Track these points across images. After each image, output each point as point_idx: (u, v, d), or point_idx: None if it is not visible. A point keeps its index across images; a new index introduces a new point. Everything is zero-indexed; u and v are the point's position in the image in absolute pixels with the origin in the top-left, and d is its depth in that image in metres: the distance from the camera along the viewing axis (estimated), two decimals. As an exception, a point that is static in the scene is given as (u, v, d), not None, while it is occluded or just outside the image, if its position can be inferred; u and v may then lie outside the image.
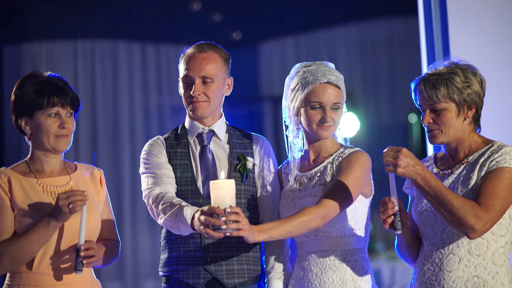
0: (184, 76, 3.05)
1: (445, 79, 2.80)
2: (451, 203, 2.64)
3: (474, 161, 2.79)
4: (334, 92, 2.98)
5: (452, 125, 2.82)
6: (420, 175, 2.65)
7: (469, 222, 2.63)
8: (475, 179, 2.77)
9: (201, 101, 3.03)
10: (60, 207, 2.70)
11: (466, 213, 2.63)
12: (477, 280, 2.74)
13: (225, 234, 2.62)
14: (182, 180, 3.04)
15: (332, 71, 3.00)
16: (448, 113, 2.81)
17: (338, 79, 3.00)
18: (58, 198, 2.71)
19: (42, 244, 2.76)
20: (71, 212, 2.71)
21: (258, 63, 8.36)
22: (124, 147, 7.87)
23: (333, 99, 2.97)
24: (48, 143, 2.85)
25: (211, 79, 3.03)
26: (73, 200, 2.70)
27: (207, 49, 3.05)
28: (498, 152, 2.76)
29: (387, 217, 2.71)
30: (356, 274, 2.93)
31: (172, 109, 8.02)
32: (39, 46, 7.79)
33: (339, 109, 3.00)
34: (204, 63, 3.02)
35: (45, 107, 2.83)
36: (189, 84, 3.04)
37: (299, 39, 8.32)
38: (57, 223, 2.74)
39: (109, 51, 7.98)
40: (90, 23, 7.75)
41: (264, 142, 3.17)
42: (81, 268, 2.75)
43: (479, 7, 3.98)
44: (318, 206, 2.81)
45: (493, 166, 2.73)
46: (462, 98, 2.80)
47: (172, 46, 8.11)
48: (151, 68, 8.05)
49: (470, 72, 2.83)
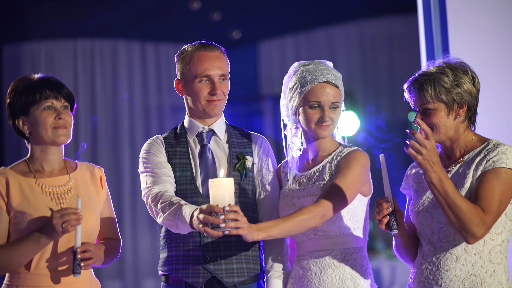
0: (202, 75, 3.03)
1: (432, 80, 2.80)
2: (460, 207, 2.64)
3: (470, 160, 2.79)
4: (333, 91, 2.98)
5: (443, 124, 2.82)
6: (436, 173, 2.64)
7: (473, 230, 2.64)
8: (471, 178, 2.76)
9: (220, 99, 3.06)
10: (54, 226, 2.70)
11: (471, 221, 2.64)
12: (475, 279, 2.74)
13: (224, 232, 2.62)
14: (181, 179, 3.04)
15: (330, 70, 3.00)
16: (437, 113, 2.81)
17: (337, 78, 3.00)
18: (52, 216, 2.71)
19: (30, 257, 2.77)
20: (64, 232, 2.71)
21: (258, 62, 8.36)
22: (123, 146, 7.87)
23: (331, 99, 2.97)
24: (47, 136, 2.85)
25: (225, 77, 3.07)
26: (67, 220, 2.70)
27: (215, 48, 3.08)
28: (494, 151, 2.75)
29: (383, 217, 2.72)
30: (355, 273, 2.93)
31: (172, 108, 8.02)
32: (39, 45, 7.79)
33: (337, 108, 3.00)
34: (220, 62, 3.05)
35: (38, 100, 2.84)
36: (205, 83, 3.04)
37: (299, 38, 8.31)
38: (48, 240, 2.75)
39: (109, 51, 7.98)
40: (90, 23, 7.75)
41: (263, 141, 3.18)
42: (79, 271, 2.74)
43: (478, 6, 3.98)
44: (316, 205, 2.81)
45: (489, 166, 2.73)
46: (450, 97, 2.80)
47: (171, 45, 8.10)
48: (151, 67, 8.05)
49: (460, 70, 2.83)
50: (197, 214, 2.67)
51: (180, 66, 3.11)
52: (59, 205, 2.85)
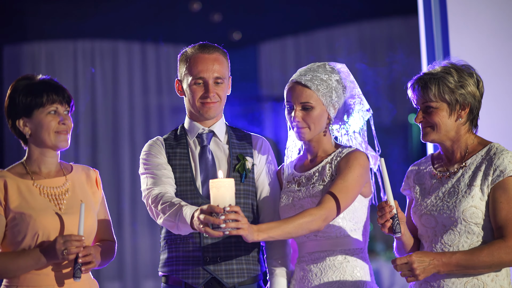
0: (196, 77, 3.04)
1: (437, 79, 2.80)
2: (484, 261, 2.68)
3: (475, 168, 2.78)
4: (302, 92, 2.96)
5: (444, 124, 2.82)
6: (441, 266, 2.69)
7: (506, 261, 2.69)
8: (478, 186, 2.76)
9: (215, 101, 3.05)
10: (56, 251, 2.73)
11: (501, 258, 2.68)
12: (477, 282, 2.74)
13: (224, 233, 2.62)
14: (181, 180, 3.04)
15: (309, 71, 2.98)
16: (439, 112, 2.81)
17: (313, 79, 2.97)
18: (56, 241, 2.73)
19: (27, 271, 2.79)
20: (64, 259, 2.74)
21: (258, 63, 8.35)
22: (123, 148, 7.86)
23: (301, 99, 2.96)
24: (50, 140, 2.86)
25: (221, 80, 3.06)
26: (68, 247, 2.72)
27: (213, 50, 3.07)
28: (499, 158, 2.75)
29: (386, 221, 2.71)
30: (356, 274, 2.92)
31: (172, 109, 8.01)
32: (39, 46, 7.79)
33: (311, 109, 2.96)
34: (216, 64, 3.04)
35: (44, 104, 2.85)
36: (200, 85, 3.04)
37: (299, 39, 8.31)
38: (48, 261, 2.77)
39: (109, 51, 7.97)
40: (90, 23, 7.75)
41: (264, 142, 3.18)
42: (79, 275, 2.76)
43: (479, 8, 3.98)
44: (319, 208, 2.80)
45: (497, 178, 2.73)
46: (453, 98, 2.80)
47: (172, 47, 8.10)
48: (151, 68, 8.05)
49: (466, 72, 2.83)
50: (197, 215, 2.67)
51: (180, 67, 3.12)
52: (57, 206, 2.86)
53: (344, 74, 3.03)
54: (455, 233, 2.77)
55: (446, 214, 2.78)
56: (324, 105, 2.96)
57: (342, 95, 2.99)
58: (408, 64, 7.77)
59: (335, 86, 2.97)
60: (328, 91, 2.95)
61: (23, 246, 2.81)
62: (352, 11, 7.99)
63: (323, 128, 3.00)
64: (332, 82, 2.96)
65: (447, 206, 2.78)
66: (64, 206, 2.88)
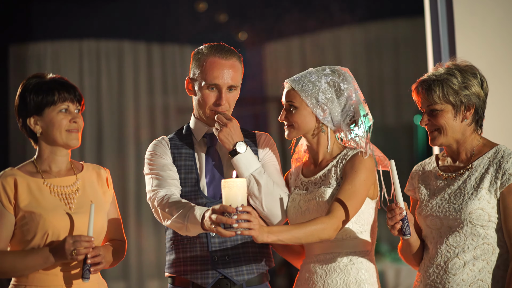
0: (211, 83, 2.98)
1: (441, 81, 2.79)
2: None
3: (484, 171, 2.78)
4: (288, 92, 2.98)
5: (450, 126, 2.81)
6: None
7: None
8: (485, 188, 2.75)
9: (225, 110, 3.01)
10: (65, 251, 2.72)
11: None
12: (482, 284, 2.73)
13: (236, 232, 2.61)
14: (186, 181, 3.02)
15: (303, 74, 2.99)
16: (444, 114, 2.80)
17: (300, 80, 2.97)
18: (65, 241, 2.73)
19: (35, 270, 2.78)
20: (73, 259, 2.73)
21: (264, 64, 8.35)
22: (129, 147, 7.87)
23: (286, 99, 2.99)
24: (61, 138, 2.86)
25: (235, 88, 3.02)
26: (78, 247, 2.72)
27: (230, 55, 3.00)
28: (508, 162, 2.74)
29: (395, 223, 2.70)
30: (360, 277, 2.91)
31: (177, 109, 8.02)
32: (45, 46, 7.80)
33: (294, 109, 2.97)
34: (232, 72, 2.99)
35: (56, 102, 2.84)
36: (213, 91, 2.99)
37: (305, 41, 8.31)
38: (56, 261, 2.76)
39: (115, 51, 7.98)
40: (96, 23, 7.76)
41: (266, 137, 3.15)
42: (88, 276, 2.75)
43: (485, 9, 3.97)
44: (330, 217, 2.79)
45: (507, 181, 2.72)
46: (458, 99, 2.79)
47: (177, 47, 8.11)
48: (157, 68, 8.06)
49: (469, 73, 2.82)
50: (209, 215, 2.66)
51: (193, 66, 3.05)
52: (67, 205, 2.85)
53: (345, 79, 3.01)
54: (461, 235, 2.76)
55: (452, 216, 2.77)
56: (309, 106, 2.95)
57: (334, 98, 2.96)
58: (414, 66, 7.76)
59: (324, 88, 2.95)
60: (313, 92, 2.94)
61: (32, 245, 2.79)
62: (357, 13, 7.99)
63: (310, 129, 2.98)
64: (321, 84, 2.95)
65: (453, 207, 2.78)
66: (74, 206, 2.87)
